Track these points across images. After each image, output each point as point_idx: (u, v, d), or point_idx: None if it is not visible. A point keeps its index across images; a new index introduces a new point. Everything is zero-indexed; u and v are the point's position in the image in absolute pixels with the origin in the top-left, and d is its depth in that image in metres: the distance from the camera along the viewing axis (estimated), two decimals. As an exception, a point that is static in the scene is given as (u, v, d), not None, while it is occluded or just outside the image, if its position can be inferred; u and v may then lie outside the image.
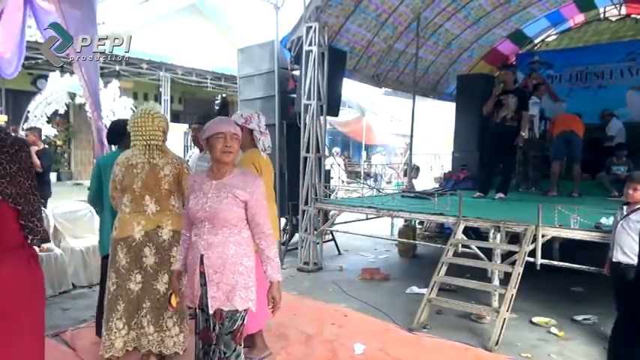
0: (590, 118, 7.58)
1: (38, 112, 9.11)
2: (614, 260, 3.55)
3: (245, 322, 2.32)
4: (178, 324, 2.96)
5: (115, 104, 9.95)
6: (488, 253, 4.33)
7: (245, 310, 2.28)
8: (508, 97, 6.11)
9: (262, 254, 2.28)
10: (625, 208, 3.59)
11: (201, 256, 2.23)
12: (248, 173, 2.37)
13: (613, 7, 9.16)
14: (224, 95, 15.27)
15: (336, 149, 15.84)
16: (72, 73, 7.73)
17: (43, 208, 5.09)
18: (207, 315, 2.28)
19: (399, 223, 7.51)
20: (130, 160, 2.91)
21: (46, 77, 9.35)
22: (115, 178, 2.96)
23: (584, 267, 4.04)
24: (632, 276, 3.26)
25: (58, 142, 12.91)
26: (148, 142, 2.92)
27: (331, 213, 6.08)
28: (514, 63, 9.75)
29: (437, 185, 9.18)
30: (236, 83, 7.41)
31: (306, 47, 5.94)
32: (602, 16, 9.44)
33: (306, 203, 5.99)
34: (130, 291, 2.89)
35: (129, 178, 2.89)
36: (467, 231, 4.91)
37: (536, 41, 10.13)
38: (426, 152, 15.46)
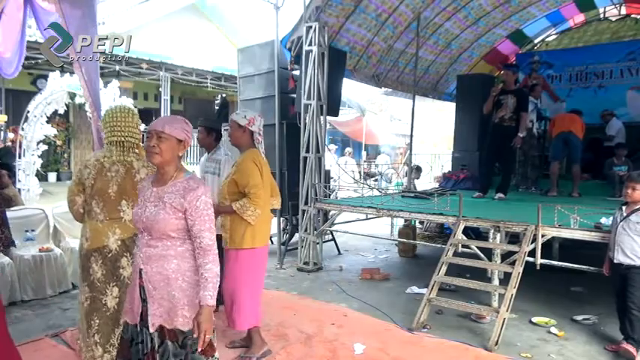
0: (590, 118, 7.59)
1: (38, 112, 9.08)
2: (615, 262, 3.55)
3: (213, 334, 2.11)
4: None
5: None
6: (488, 253, 4.33)
7: None
8: (507, 97, 6.11)
9: (198, 270, 2.02)
10: (624, 208, 3.59)
11: (140, 270, 2.07)
12: (193, 180, 2.09)
13: (613, 7, 9.17)
14: (224, 95, 15.29)
15: (349, 149, 15.89)
16: (72, 73, 7.72)
17: (41, 209, 5.13)
18: (151, 334, 2.06)
19: (399, 223, 7.51)
20: (102, 162, 2.70)
21: (46, 77, 9.33)
22: (82, 181, 2.71)
23: (584, 267, 4.05)
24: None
25: (58, 142, 12.91)
26: (126, 139, 2.74)
27: (331, 213, 6.08)
28: (514, 63, 9.76)
29: (437, 185, 9.19)
30: (236, 83, 7.41)
31: (306, 47, 5.93)
32: (602, 16, 9.46)
33: (306, 203, 5.99)
34: (105, 307, 2.71)
35: (102, 181, 2.68)
36: (467, 231, 4.92)
37: (536, 41, 10.14)
38: (426, 152, 15.48)
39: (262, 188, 3.21)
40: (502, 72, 7.07)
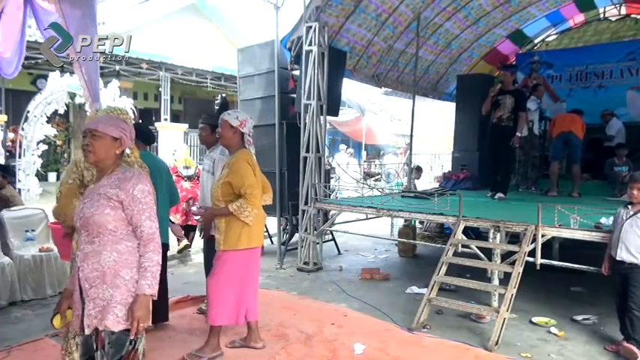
0: (591, 118, 7.59)
1: (38, 112, 9.11)
2: (617, 259, 3.54)
3: (138, 347, 2.02)
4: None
5: (115, 104, 9.95)
6: (488, 253, 4.33)
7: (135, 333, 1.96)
8: (505, 98, 6.12)
9: (139, 261, 2.00)
10: (630, 207, 3.59)
11: (78, 269, 2.02)
12: (129, 172, 2.07)
13: (613, 7, 9.17)
14: (224, 95, 15.29)
15: (351, 150, 15.91)
16: (72, 73, 7.73)
17: (41, 209, 5.12)
18: (89, 338, 2.03)
19: (399, 223, 7.51)
20: None
21: (46, 77, 9.35)
22: (86, 183, 2.61)
23: (584, 267, 4.05)
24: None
25: (58, 142, 12.91)
26: None
27: (331, 213, 6.08)
28: (514, 63, 9.76)
29: (437, 185, 9.19)
30: (236, 83, 7.41)
31: (306, 47, 5.93)
32: (602, 16, 9.46)
33: (306, 203, 5.99)
34: None
35: None
36: (467, 231, 4.91)
37: (536, 41, 10.14)
38: (426, 152, 15.48)
39: (257, 188, 3.22)
40: (500, 72, 7.07)
